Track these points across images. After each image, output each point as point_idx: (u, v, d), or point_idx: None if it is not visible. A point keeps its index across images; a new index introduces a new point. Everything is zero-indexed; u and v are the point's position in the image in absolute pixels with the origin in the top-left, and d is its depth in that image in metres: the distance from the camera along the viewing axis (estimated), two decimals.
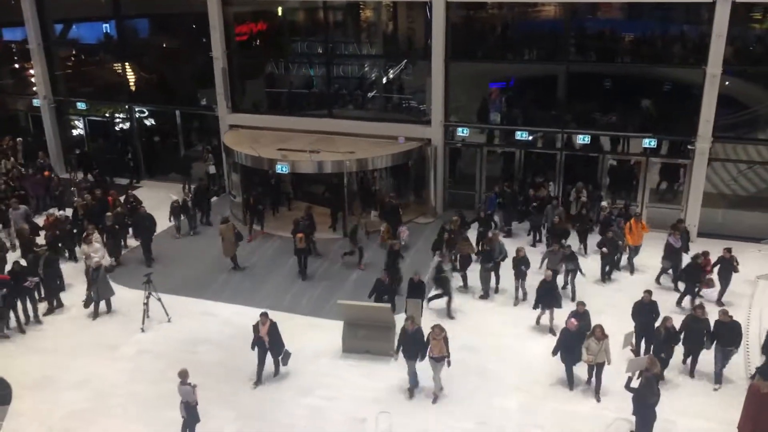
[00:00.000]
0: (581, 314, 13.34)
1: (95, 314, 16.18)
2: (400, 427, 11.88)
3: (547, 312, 15.13)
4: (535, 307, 15.19)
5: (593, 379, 12.98)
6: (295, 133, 22.34)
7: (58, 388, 13.68)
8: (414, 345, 12.90)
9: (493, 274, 16.85)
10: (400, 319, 14.65)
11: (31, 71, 26.60)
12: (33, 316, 16.00)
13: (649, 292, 13.97)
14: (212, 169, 24.18)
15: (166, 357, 14.59)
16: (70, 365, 14.43)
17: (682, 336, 13.19)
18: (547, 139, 21.41)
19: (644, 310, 13.82)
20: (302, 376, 13.93)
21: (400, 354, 13.33)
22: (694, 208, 19.64)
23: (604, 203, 19.86)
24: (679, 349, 13.44)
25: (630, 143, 20.64)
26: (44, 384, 13.78)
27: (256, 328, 13.35)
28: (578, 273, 16.64)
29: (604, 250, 17.29)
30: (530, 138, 21.11)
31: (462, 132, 21.59)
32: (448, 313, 15.90)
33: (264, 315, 13.42)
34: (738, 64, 19.00)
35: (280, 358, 13.68)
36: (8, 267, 16.59)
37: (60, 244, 18.65)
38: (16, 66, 28.23)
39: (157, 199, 22.00)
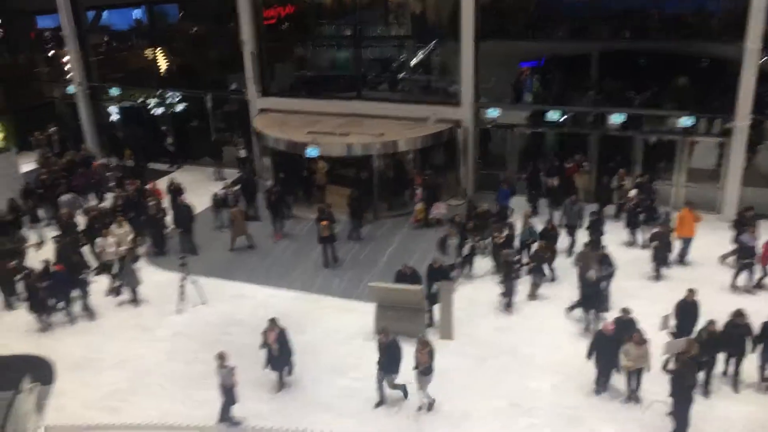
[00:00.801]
0: (624, 322, 12.33)
1: (135, 301, 16.35)
2: (434, 407, 11.90)
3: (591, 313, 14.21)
4: (570, 308, 14.59)
5: (632, 383, 12.25)
6: (325, 116, 22.35)
7: (98, 369, 14.03)
8: (388, 358, 12.11)
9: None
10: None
11: (65, 58, 27.01)
12: (87, 309, 15.86)
13: (692, 291, 13.04)
14: (242, 153, 24.36)
15: (200, 338, 14.86)
16: (109, 347, 14.79)
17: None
18: (579, 120, 21.08)
19: (686, 311, 12.94)
20: (336, 357, 14.06)
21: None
22: (733, 187, 19.20)
23: (632, 192, 18.46)
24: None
25: (666, 122, 20.21)
26: (85, 365, 14.15)
27: (264, 334, 12.81)
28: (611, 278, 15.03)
29: (656, 244, 16.19)
30: (562, 119, 20.81)
31: (492, 113, 21.38)
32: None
33: (272, 321, 12.77)
34: None
35: (286, 367, 13.08)
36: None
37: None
38: (51, 53, 28.67)
39: (193, 184, 22.21)
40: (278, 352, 12.69)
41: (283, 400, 12.76)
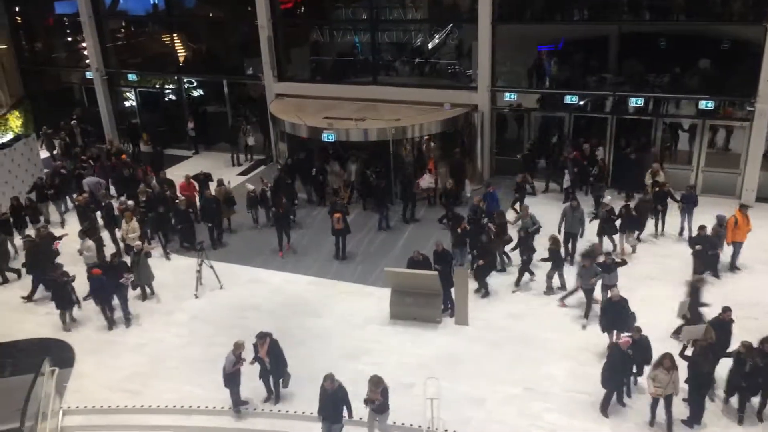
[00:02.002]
0: (635, 341, 11.55)
1: (143, 296, 16.11)
2: (448, 392, 11.97)
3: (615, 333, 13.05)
4: (602, 328, 13.20)
5: (659, 411, 11.41)
6: (341, 101, 22.31)
7: (118, 352, 14.25)
8: (333, 406, 11.06)
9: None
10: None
11: (83, 44, 27.18)
12: (124, 316, 15.22)
13: (729, 310, 12.03)
14: (251, 141, 24.45)
15: (217, 322, 15.03)
16: (127, 330, 15.01)
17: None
18: (597, 103, 20.84)
19: (721, 329, 11.87)
20: (351, 341, 14.15)
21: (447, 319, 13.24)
22: (753, 171, 18.91)
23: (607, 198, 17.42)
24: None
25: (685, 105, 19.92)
26: (104, 348, 14.37)
27: (255, 348, 12.24)
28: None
29: (698, 247, 15.06)
30: (581, 103, 20.59)
31: (509, 97, 21.21)
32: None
33: (262, 335, 12.15)
34: None
35: (281, 380, 12.58)
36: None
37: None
38: (69, 39, 28.87)
39: (210, 170, 22.22)
40: (271, 365, 12.22)
41: (297, 385, 12.87)
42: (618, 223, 16.52)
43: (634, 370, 11.84)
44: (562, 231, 16.54)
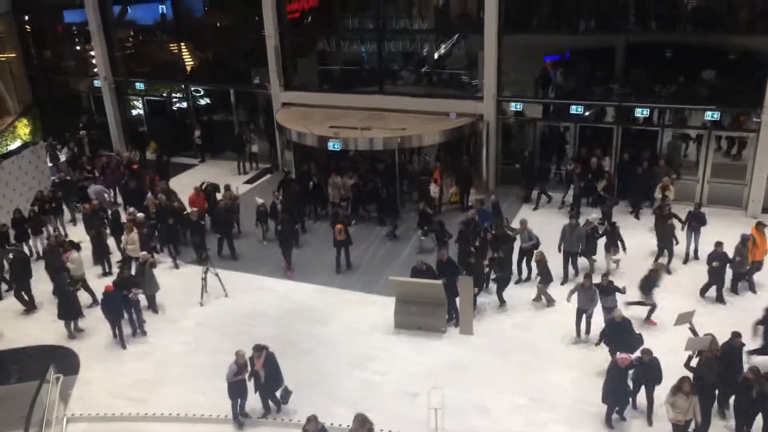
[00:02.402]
0: (645, 363, 11.43)
1: (152, 307, 15.93)
2: (452, 401, 11.94)
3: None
4: (600, 343, 13.08)
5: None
6: (347, 110, 22.38)
7: (124, 359, 14.28)
8: None
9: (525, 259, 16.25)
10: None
11: (92, 52, 27.38)
12: (139, 329, 15.09)
13: (739, 336, 11.74)
14: (255, 149, 24.54)
15: (223, 330, 15.06)
16: (133, 338, 15.01)
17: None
18: (603, 113, 20.86)
19: (729, 357, 11.56)
20: (356, 350, 14.15)
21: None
22: (760, 183, 18.86)
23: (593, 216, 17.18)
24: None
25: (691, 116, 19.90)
26: (109, 356, 14.41)
27: (251, 361, 12.10)
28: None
29: (715, 264, 14.63)
30: (587, 113, 20.62)
31: (515, 107, 21.24)
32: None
33: (258, 348, 12.02)
34: None
35: (279, 395, 12.37)
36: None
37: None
38: (78, 48, 29.09)
39: (216, 178, 22.35)
40: (266, 378, 12.08)
41: (303, 393, 12.87)
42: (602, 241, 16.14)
43: (642, 389, 11.67)
44: (561, 250, 16.15)
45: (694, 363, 11.51)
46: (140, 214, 17.98)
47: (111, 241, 18.54)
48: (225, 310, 15.89)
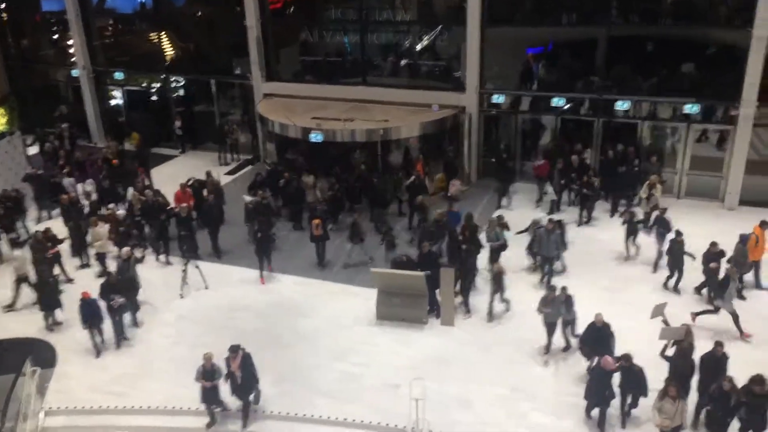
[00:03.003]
0: (626, 369, 11.17)
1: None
2: (434, 393, 12.00)
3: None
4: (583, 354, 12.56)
5: None
6: (330, 102, 22.30)
7: (104, 353, 14.15)
8: None
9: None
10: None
11: (70, 42, 26.97)
12: (122, 336, 14.45)
13: (721, 345, 11.38)
14: (242, 138, 24.40)
15: (205, 322, 14.99)
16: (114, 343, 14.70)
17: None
18: (584, 106, 20.98)
19: (710, 367, 11.26)
20: (337, 342, 14.16)
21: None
22: (737, 175, 19.10)
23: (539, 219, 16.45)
24: None
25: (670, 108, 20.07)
26: (90, 349, 14.23)
27: (227, 362, 11.83)
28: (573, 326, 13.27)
29: (713, 265, 14.14)
30: (567, 106, 20.72)
31: (497, 99, 21.30)
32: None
33: (233, 348, 11.74)
34: None
35: (251, 397, 12.13)
36: None
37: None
38: (56, 37, 28.63)
39: (198, 169, 22.20)
40: (242, 380, 11.78)
41: (285, 386, 12.87)
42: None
43: (629, 400, 11.48)
44: (535, 256, 15.84)
45: (669, 353, 11.67)
46: (120, 211, 17.59)
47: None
48: (207, 303, 15.80)
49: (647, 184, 17.83)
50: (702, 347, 11.69)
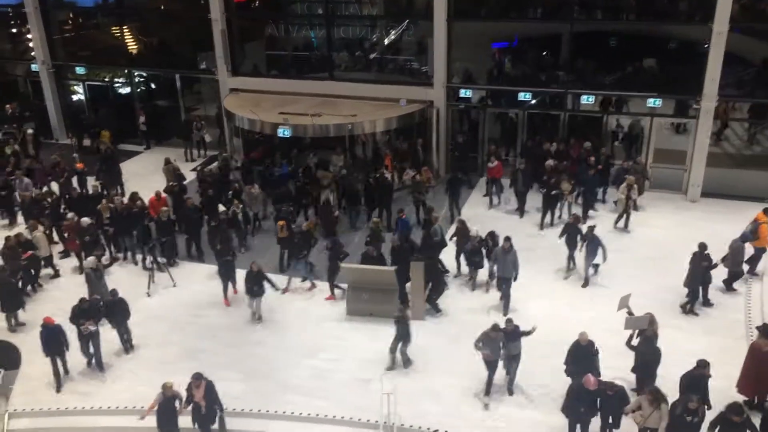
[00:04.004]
0: (611, 397, 10.64)
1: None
2: (404, 387, 12.04)
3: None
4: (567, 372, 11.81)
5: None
6: (297, 97, 22.15)
7: (69, 353, 13.83)
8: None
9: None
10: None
11: (29, 35, 26.29)
12: (95, 362, 13.43)
13: (706, 366, 10.75)
14: (207, 138, 24.07)
15: (172, 321, 14.80)
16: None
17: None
18: (550, 100, 21.21)
19: (693, 385, 10.72)
20: (307, 338, 14.11)
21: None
22: (699, 168, 19.52)
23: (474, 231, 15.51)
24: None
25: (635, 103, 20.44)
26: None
27: (189, 390, 11.22)
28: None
29: (705, 264, 13.97)
30: (533, 101, 20.93)
31: (465, 93, 21.39)
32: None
33: (197, 376, 11.12)
34: (745, 21, 18.68)
35: (215, 426, 11.50)
36: None
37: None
38: (14, 30, 27.88)
39: (159, 165, 21.89)
40: (206, 409, 11.22)
41: (255, 383, 12.78)
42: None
43: (610, 420, 11.05)
44: (492, 276, 15.06)
45: (635, 342, 11.89)
46: (85, 219, 16.72)
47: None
48: (174, 301, 15.60)
49: (625, 185, 17.57)
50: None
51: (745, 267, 15.28)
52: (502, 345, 12.05)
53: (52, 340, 12.83)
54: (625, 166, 18.80)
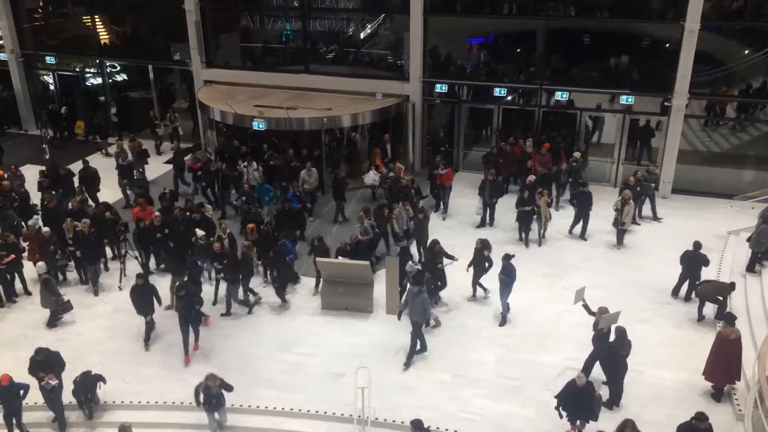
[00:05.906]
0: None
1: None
2: (379, 381, 12.01)
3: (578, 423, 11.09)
4: (558, 410, 11.08)
5: None
6: (272, 89, 21.98)
7: (35, 347, 13.53)
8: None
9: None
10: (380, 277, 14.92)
11: None
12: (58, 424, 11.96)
13: (704, 420, 9.82)
14: (180, 131, 23.78)
15: None
16: (45, 324, 14.35)
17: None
18: (524, 96, 21.33)
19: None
20: (282, 332, 14.03)
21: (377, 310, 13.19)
22: (670, 164, 19.79)
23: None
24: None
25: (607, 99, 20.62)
26: (20, 343, 13.68)
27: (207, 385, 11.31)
28: None
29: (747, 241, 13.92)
30: (509, 98, 21.04)
31: (440, 88, 21.42)
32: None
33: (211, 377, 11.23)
34: (716, 19, 18.96)
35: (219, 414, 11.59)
36: None
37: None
38: None
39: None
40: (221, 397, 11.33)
41: (228, 377, 12.64)
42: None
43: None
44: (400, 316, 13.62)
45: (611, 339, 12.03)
46: (46, 228, 15.82)
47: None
48: None
49: (620, 198, 16.76)
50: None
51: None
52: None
53: (7, 399, 11.41)
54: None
